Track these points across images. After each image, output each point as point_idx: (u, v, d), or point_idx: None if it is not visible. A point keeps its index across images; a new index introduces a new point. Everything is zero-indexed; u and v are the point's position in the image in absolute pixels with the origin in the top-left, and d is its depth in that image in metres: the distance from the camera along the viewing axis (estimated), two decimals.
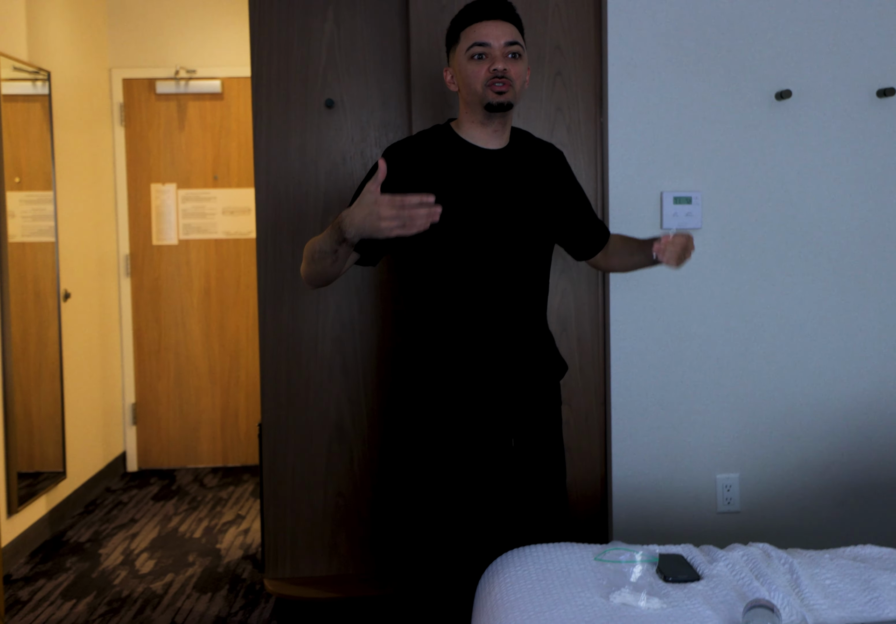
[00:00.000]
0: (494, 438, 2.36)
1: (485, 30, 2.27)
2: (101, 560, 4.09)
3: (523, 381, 2.38)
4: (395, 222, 1.98)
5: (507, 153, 2.39)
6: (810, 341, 3.15)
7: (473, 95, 2.29)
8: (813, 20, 3.08)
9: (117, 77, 5.35)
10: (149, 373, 5.52)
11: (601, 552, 2.08)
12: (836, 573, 1.93)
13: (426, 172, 2.31)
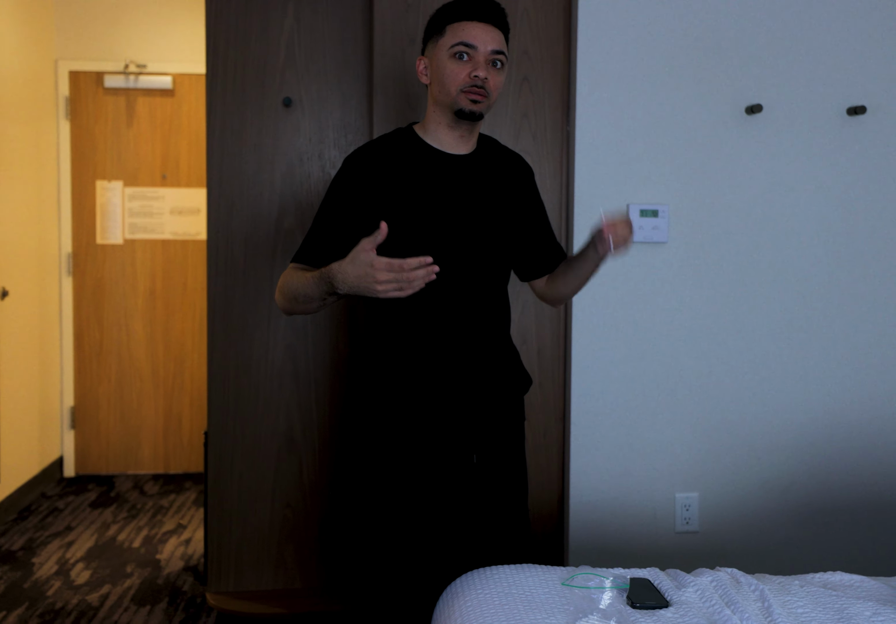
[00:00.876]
0: (455, 453, 2.30)
1: (475, 31, 2.20)
2: (35, 569, 3.98)
3: (486, 395, 2.32)
4: (392, 286, 1.95)
5: (473, 159, 2.33)
6: (773, 361, 3.13)
7: (446, 96, 2.22)
8: (786, 35, 3.06)
9: (63, 69, 5.24)
10: (89, 375, 5.41)
11: (569, 577, 2.01)
12: (808, 601, 1.88)
13: (390, 179, 2.24)
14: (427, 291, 2.20)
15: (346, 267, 1.98)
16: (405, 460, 2.27)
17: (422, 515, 2.28)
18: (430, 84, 2.27)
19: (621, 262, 3.05)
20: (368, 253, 1.94)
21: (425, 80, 2.29)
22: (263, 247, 3.20)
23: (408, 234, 2.20)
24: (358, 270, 1.96)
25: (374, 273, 1.94)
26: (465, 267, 2.27)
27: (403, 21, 3.01)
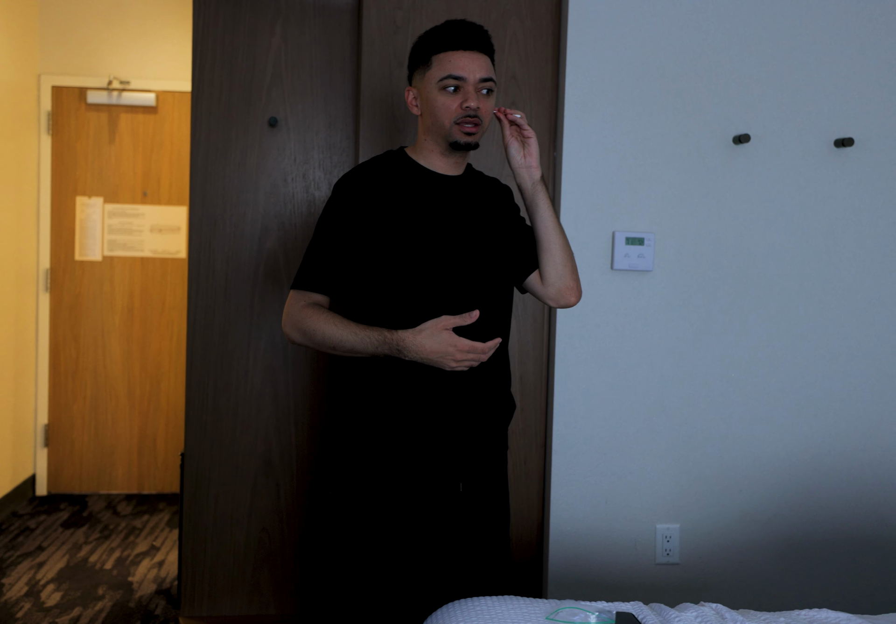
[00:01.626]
0: (443, 481, 2.26)
1: (461, 62, 2.18)
2: (4, 591, 3.91)
3: (475, 423, 2.28)
4: (466, 364, 2.12)
5: (465, 180, 2.33)
6: (756, 393, 3.11)
7: (439, 128, 2.22)
8: (775, 66, 3.06)
9: (46, 83, 5.20)
10: (64, 393, 5.34)
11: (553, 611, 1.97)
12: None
13: (384, 199, 2.22)
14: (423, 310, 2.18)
15: (424, 341, 2.10)
16: (393, 488, 2.23)
17: (407, 543, 2.23)
18: (422, 115, 2.27)
19: (606, 289, 3.03)
20: (452, 334, 2.09)
21: (416, 111, 2.28)
22: (245, 267, 3.16)
23: (409, 252, 2.19)
24: (438, 348, 2.10)
25: (455, 353, 2.09)
26: (466, 283, 2.25)
27: (392, 43, 2.99)
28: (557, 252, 2.33)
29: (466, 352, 2.10)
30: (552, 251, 2.33)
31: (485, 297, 2.27)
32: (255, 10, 3.12)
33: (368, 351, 2.17)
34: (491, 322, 2.26)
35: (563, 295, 2.38)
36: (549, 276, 2.36)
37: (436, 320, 2.11)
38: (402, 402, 2.22)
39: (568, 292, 2.37)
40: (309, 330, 2.20)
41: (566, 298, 2.39)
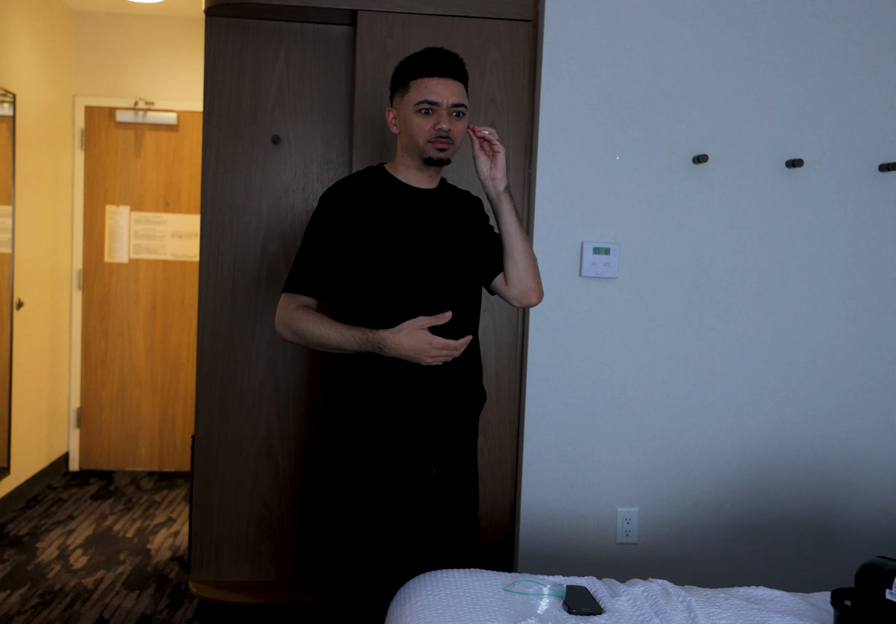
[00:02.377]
0: (418, 465, 2.21)
1: (436, 88, 2.14)
2: (38, 554, 3.88)
3: (449, 412, 2.24)
4: (440, 360, 2.10)
5: (438, 193, 2.29)
6: (710, 389, 3.04)
7: (414, 146, 2.19)
8: (731, 92, 2.99)
9: (80, 104, 5.15)
10: (94, 380, 5.29)
11: (510, 583, 1.92)
12: (731, 614, 1.79)
13: (364, 210, 2.19)
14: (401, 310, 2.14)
15: (402, 340, 2.07)
16: (372, 470, 2.19)
17: (385, 521, 2.19)
18: (400, 133, 2.23)
19: (575, 294, 2.98)
20: (427, 333, 2.07)
21: (395, 129, 2.24)
22: (250, 269, 3.11)
23: (388, 258, 2.17)
24: (415, 345, 2.07)
25: (430, 350, 2.07)
26: (439, 286, 2.21)
27: (382, 68, 2.94)
28: (520, 256, 2.29)
29: (440, 349, 2.07)
30: (514, 255, 2.29)
31: (455, 299, 2.23)
32: (260, 38, 3.06)
33: (353, 348, 2.13)
34: (462, 321, 2.21)
35: (525, 295, 2.33)
36: (512, 278, 2.32)
37: (412, 321, 2.08)
38: (383, 393, 2.18)
39: (529, 293, 2.33)
40: (299, 330, 2.17)
41: (528, 299, 2.34)
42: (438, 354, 2.08)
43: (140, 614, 3.29)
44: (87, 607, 3.33)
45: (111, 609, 3.33)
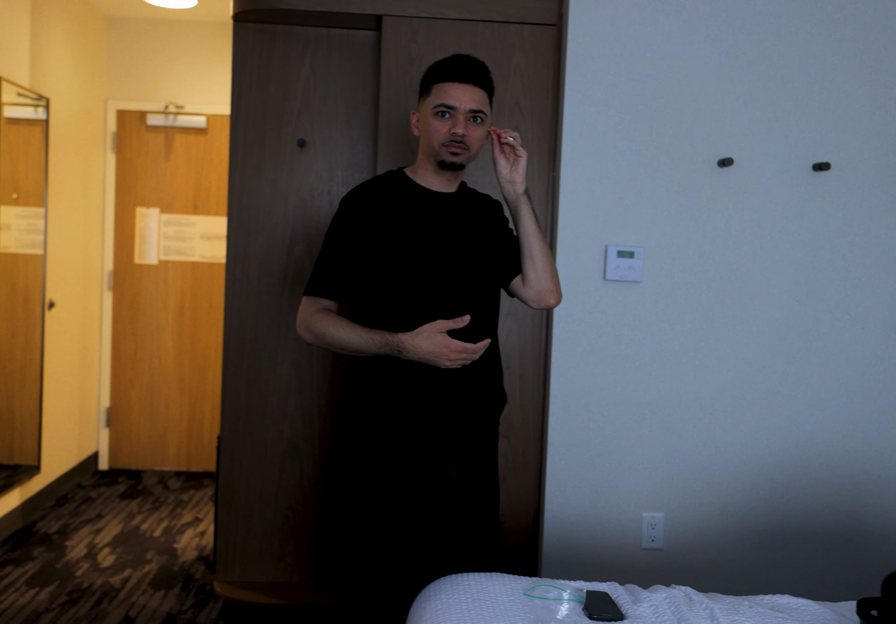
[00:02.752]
0: (438, 468, 2.21)
1: (455, 92, 2.14)
2: (67, 552, 3.90)
3: (469, 414, 2.23)
4: (459, 363, 2.10)
5: (456, 197, 2.29)
6: (737, 395, 3.01)
7: (430, 148, 2.20)
8: (757, 96, 2.96)
9: (112, 108, 5.19)
10: (123, 380, 5.33)
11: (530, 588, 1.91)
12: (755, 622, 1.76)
13: (383, 214, 2.19)
14: (419, 313, 2.14)
15: (421, 343, 2.07)
16: (394, 473, 2.19)
17: (406, 523, 2.19)
18: (420, 136, 2.24)
19: (599, 297, 2.96)
20: (445, 336, 2.07)
21: (417, 132, 2.26)
22: (276, 272, 3.11)
23: (405, 261, 2.17)
24: (433, 348, 2.07)
25: (449, 353, 2.07)
26: (457, 289, 2.21)
27: (407, 73, 2.94)
28: (538, 258, 2.27)
29: (459, 352, 2.07)
30: (533, 257, 2.27)
31: (473, 301, 2.22)
32: (286, 43, 3.07)
33: (372, 351, 2.13)
34: (480, 324, 2.21)
35: (543, 297, 2.31)
36: (530, 280, 2.30)
37: (431, 324, 2.08)
38: (403, 396, 2.18)
39: (547, 295, 2.31)
40: (320, 333, 2.17)
41: (546, 300, 2.32)
42: (457, 357, 2.08)
43: (165, 614, 3.30)
44: (114, 606, 3.35)
45: (137, 608, 3.34)
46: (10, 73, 3.94)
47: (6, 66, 3.91)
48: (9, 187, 3.97)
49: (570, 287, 2.95)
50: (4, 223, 3.93)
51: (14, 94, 3.98)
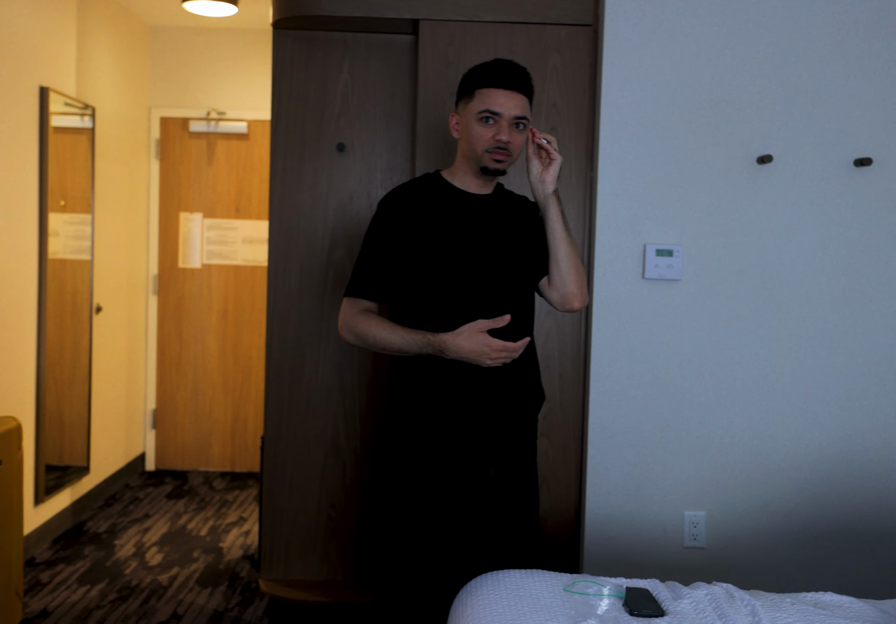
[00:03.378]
0: (476, 466, 2.22)
1: (500, 99, 2.16)
2: (116, 550, 3.98)
3: (507, 412, 2.25)
4: (500, 361, 2.12)
5: (492, 198, 2.30)
6: (779, 392, 2.99)
7: (472, 153, 2.21)
8: (797, 90, 2.94)
9: (155, 115, 5.28)
10: (169, 383, 5.41)
11: (570, 584, 1.92)
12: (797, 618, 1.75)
13: (420, 216, 2.22)
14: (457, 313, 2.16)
15: (462, 342, 2.09)
16: (434, 470, 2.21)
17: (446, 521, 2.21)
18: (460, 139, 2.25)
19: (638, 296, 2.96)
20: (486, 335, 2.09)
21: (456, 134, 2.27)
22: (316, 274, 3.15)
23: (443, 262, 2.19)
24: (475, 347, 2.09)
25: (490, 352, 2.09)
26: (490, 289, 2.23)
27: (444, 76, 2.96)
28: (563, 260, 2.28)
29: (500, 351, 2.09)
30: (559, 259, 2.28)
31: (510, 300, 2.24)
32: (325, 48, 3.10)
33: (414, 351, 2.16)
34: (517, 322, 2.23)
35: (567, 300, 2.32)
36: (555, 282, 2.31)
37: (472, 324, 2.10)
38: (442, 394, 2.20)
39: (571, 298, 2.32)
40: (362, 334, 2.20)
41: (570, 303, 2.33)
42: (498, 356, 2.10)
43: (212, 611, 3.35)
44: (162, 603, 3.41)
45: (185, 605, 3.40)
46: (57, 84, 4.03)
47: (54, 77, 4.00)
48: (57, 195, 4.05)
49: (608, 286, 2.95)
50: (53, 230, 4.00)
51: (61, 104, 4.07)
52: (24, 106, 3.74)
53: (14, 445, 2.92)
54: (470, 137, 2.19)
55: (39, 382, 3.92)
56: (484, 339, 2.09)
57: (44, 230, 3.91)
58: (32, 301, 3.87)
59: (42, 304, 3.92)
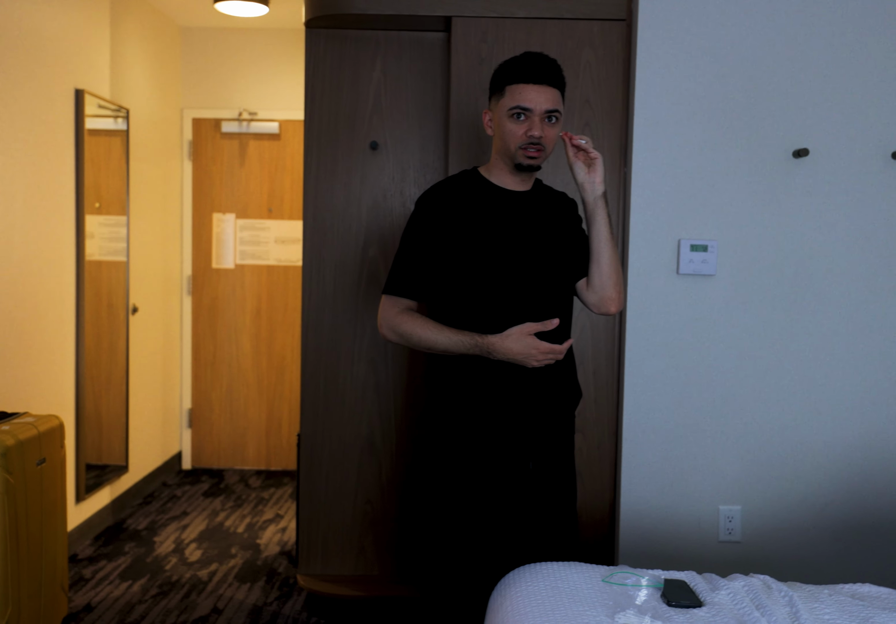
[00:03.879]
0: (514, 461, 2.24)
1: (530, 94, 2.16)
2: (155, 547, 4.04)
3: (544, 409, 2.26)
4: (545, 363, 2.14)
5: (531, 195, 2.31)
6: (814, 386, 2.98)
7: (506, 150, 2.21)
8: (832, 84, 2.93)
9: (188, 117, 5.33)
10: (204, 382, 5.46)
11: (608, 574, 1.94)
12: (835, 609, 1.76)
13: (460, 213, 2.22)
14: (497, 311, 2.18)
15: (511, 345, 2.11)
16: (472, 466, 2.23)
17: (484, 515, 2.23)
18: (494, 136, 2.26)
19: (672, 292, 2.96)
20: (534, 338, 2.11)
21: (490, 131, 2.28)
22: (351, 273, 3.19)
23: (483, 260, 2.20)
24: (523, 350, 2.11)
25: (537, 354, 2.11)
26: (532, 287, 2.24)
27: (477, 73, 2.98)
28: (605, 264, 2.29)
29: (546, 353, 2.11)
30: (600, 262, 2.29)
31: (551, 299, 2.25)
32: (357, 47, 3.14)
33: (460, 352, 2.17)
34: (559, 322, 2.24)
35: (604, 303, 2.34)
36: (594, 285, 2.33)
37: (520, 327, 2.11)
38: (482, 391, 2.21)
39: (609, 302, 2.33)
40: (405, 333, 2.22)
41: (606, 307, 2.35)
42: (544, 357, 2.12)
43: (251, 606, 3.40)
44: (202, 598, 3.46)
45: (224, 600, 3.45)
46: (91, 86, 4.09)
47: (88, 80, 4.06)
48: (92, 197, 4.11)
49: (642, 282, 2.96)
50: (88, 232, 4.06)
51: (95, 106, 4.13)
52: (60, 109, 3.81)
53: (57, 443, 2.98)
54: (503, 134, 2.20)
55: (78, 383, 3.99)
56: (532, 341, 2.11)
57: (80, 232, 3.97)
58: (70, 303, 3.93)
59: (80, 305, 3.98)
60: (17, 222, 3.41)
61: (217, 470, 5.46)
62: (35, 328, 3.57)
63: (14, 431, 2.73)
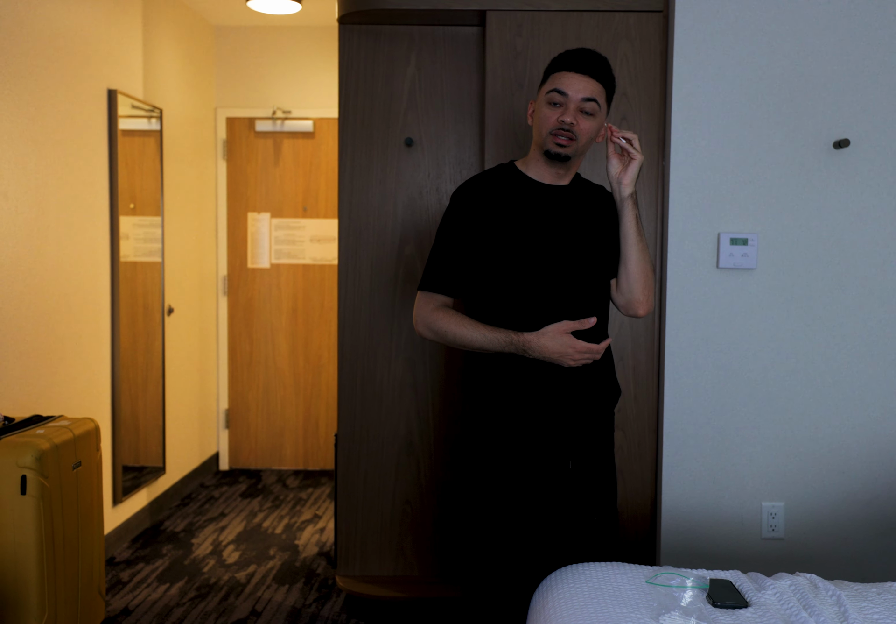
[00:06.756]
0: (554, 460, 2.25)
1: (568, 80, 2.18)
2: (193, 549, 4.08)
3: (583, 407, 2.27)
4: (582, 362, 2.15)
5: (569, 190, 2.31)
6: (858, 380, 2.96)
7: (539, 137, 2.23)
8: (873, 73, 2.91)
9: (221, 116, 5.38)
10: (240, 382, 5.51)
11: (653, 575, 1.94)
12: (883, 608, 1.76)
13: (496, 208, 2.23)
14: (534, 307, 2.18)
15: (547, 343, 2.12)
16: (512, 465, 2.24)
17: (525, 515, 2.24)
18: (533, 126, 2.28)
19: (712, 286, 2.96)
20: (571, 337, 2.12)
21: (531, 122, 2.29)
22: (387, 271, 3.21)
23: (519, 256, 2.20)
24: (559, 348, 2.12)
25: (574, 353, 2.12)
26: (569, 283, 2.24)
27: (512, 67, 2.99)
28: (633, 265, 2.29)
29: (583, 352, 2.12)
30: (628, 264, 2.30)
31: (587, 296, 2.26)
32: (391, 43, 3.16)
33: (496, 349, 2.18)
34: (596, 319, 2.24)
35: (631, 305, 2.34)
36: (622, 287, 2.33)
37: (557, 325, 2.12)
38: (520, 390, 2.22)
39: (636, 304, 2.34)
40: (441, 330, 2.23)
41: (634, 309, 2.35)
42: (581, 357, 2.13)
43: (290, 608, 3.42)
44: (241, 600, 3.49)
45: (263, 602, 3.48)
46: (125, 87, 4.14)
47: (121, 80, 4.12)
48: (126, 197, 4.16)
49: (682, 276, 2.96)
50: (123, 233, 4.11)
51: (129, 107, 4.18)
52: (94, 109, 3.86)
53: (93, 446, 3.01)
54: (538, 120, 2.22)
55: (114, 384, 4.04)
56: (569, 340, 2.12)
57: (115, 233, 4.02)
58: (106, 304, 3.99)
59: (115, 306, 4.03)
60: (51, 224, 3.46)
61: (255, 470, 5.51)
62: (70, 331, 3.63)
63: (49, 434, 2.76)
